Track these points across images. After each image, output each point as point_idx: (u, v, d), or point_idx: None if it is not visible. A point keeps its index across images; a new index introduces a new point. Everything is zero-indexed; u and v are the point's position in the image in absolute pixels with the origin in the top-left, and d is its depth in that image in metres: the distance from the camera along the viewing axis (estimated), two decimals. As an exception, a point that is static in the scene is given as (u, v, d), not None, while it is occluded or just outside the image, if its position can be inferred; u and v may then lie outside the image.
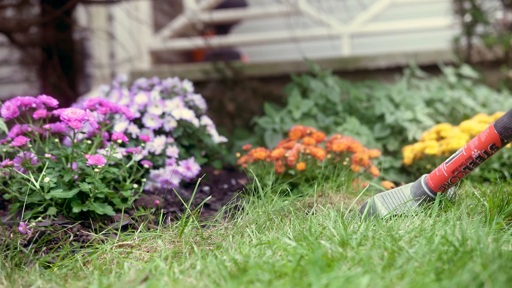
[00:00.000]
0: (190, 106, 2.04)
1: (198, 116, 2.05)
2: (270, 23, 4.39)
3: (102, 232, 1.26)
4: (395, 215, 1.22)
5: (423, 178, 1.27)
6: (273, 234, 1.14)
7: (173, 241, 1.14)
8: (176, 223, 1.24)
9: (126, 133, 1.79)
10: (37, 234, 1.21)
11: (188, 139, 1.90)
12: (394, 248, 0.93)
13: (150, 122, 1.82)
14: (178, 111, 1.86)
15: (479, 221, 1.14)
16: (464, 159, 1.21)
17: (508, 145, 1.83)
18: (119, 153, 1.53)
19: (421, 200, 1.24)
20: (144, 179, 1.51)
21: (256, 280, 0.85)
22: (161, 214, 1.32)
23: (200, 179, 1.47)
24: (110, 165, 1.46)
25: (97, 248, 1.13)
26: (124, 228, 1.33)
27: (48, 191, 1.29)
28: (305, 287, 0.78)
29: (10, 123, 1.49)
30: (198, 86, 3.14)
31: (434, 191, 1.25)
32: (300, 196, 1.54)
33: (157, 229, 1.22)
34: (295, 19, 3.35)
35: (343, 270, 0.85)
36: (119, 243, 1.14)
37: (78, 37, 3.60)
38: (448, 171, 1.23)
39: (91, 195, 1.31)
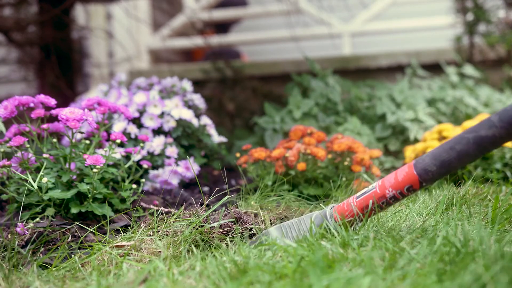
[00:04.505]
0: (189, 105, 2.03)
1: (198, 115, 2.03)
2: (270, 22, 4.38)
3: (100, 233, 1.25)
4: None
5: (328, 209, 1.12)
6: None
7: (172, 242, 1.13)
8: (175, 224, 1.23)
9: (125, 133, 1.78)
10: (35, 235, 1.20)
11: (187, 139, 1.89)
12: (395, 249, 0.92)
13: (149, 122, 1.80)
14: (177, 110, 1.84)
15: (481, 222, 1.13)
16: (377, 197, 1.06)
17: (510, 145, 1.82)
18: (118, 153, 1.52)
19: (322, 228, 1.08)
20: (143, 180, 1.50)
21: (256, 281, 0.84)
22: (164, 215, 1.31)
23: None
24: (108, 165, 1.45)
25: (95, 249, 1.12)
26: (123, 229, 1.32)
27: (46, 192, 1.28)
28: (305, 289, 0.77)
29: (8, 122, 1.48)
30: (198, 85, 3.13)
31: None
32: (299, 196, 1.53)
33: (156, 230, 1.21)
34: (296, 17, 3.34)
35: (344, 271, 0.84)
36: (117, 244, 1.13)
37: (76, 36, 3.59)
38: (358, 207, 1.08)
39: (89, 195, 1.30)
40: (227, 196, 1.23)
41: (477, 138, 0.98)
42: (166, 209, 1.36)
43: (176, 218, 1.21)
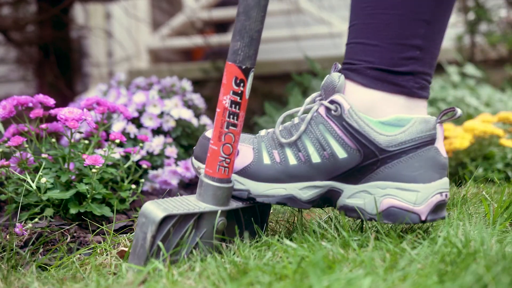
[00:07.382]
0: (189, 105, 2.03)
1: (197, 115, 2.03)
2: (270, 21, 4.36)
3: (100, 234, 1.24)
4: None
5: (202, 175, 1.04)
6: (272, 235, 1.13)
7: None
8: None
9: (124, 133, 1.77)
10: (34, 236, 1.20)
11: (187, 139, 1.89)
12: (396, 250, 0.92)
13: (149, 122, 1.80)
14: (177, 110, 1.84)
15: (482, 222, 1.13)
16: (220, 116, 1.01)
17: None
18: (117, 153, 1.51)
19: (209, 194, 1.01)
20: (143, 180, 1.49)
21: (256, 282, 0.83)
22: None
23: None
24: (108, 166, 1.44)
25: (94, 250, 1.12)
26: (122, 229, 1.31)
27: (45, 192, 1.28)
28: (305, 290, 0.77)
29: (6, 122, 1.47)
30: (197, 85, 3.12)
31: (218, 177, 1.02)
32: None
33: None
34: (296, 17, 3.34)
35: (345, 272, 0.84)
36: (121, 249, 1.13)
37: (75, 35, 3.58)
38: (215, 142, 1.02)
39: (88, 196, 1.30)
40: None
41: None
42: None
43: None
